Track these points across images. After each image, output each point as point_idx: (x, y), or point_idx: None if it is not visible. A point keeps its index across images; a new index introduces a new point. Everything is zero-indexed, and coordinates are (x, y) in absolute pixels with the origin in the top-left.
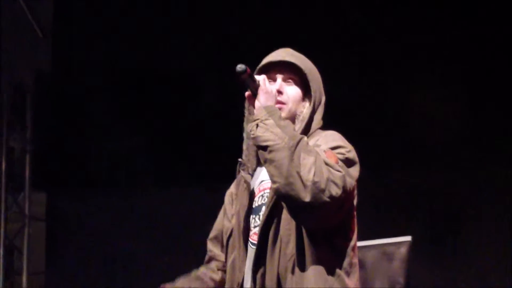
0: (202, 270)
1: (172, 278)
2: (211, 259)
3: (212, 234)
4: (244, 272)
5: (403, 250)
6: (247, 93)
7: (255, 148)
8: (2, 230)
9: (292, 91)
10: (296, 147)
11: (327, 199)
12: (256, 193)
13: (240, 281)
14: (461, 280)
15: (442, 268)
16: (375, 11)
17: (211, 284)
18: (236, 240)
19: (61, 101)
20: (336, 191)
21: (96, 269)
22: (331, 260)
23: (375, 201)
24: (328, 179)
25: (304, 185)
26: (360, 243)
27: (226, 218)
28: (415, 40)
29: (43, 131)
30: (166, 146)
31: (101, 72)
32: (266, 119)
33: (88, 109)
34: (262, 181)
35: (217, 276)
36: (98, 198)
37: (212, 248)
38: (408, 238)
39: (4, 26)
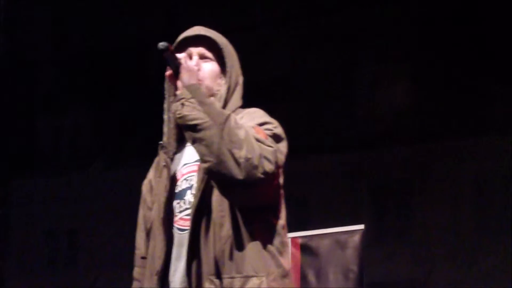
0: None
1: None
2: (142, 258)
3: (139, 231)
4: (164, 260)
5: (356, 238)
6: (167, 73)
7: (175, 131)
8: None
9: (209, 67)
10: (225, 124)
11: (261, 175)
12: (178, 177)
13: (159, 269)
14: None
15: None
16: None
17: None
18: (156, 227)
19: (11, 85)
20: (269, 166)
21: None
22: (266, 239)
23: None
24: (260, 155)
25: (237, 163)
26: (314, 232)
27: (147, 208)
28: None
29: None
30: (114, 128)
31: (50, 55)
32: (191, 98)
33: (42, 95)
34: (185, 164)
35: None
36: (52, 184)
37: (139, 246)
38: (361, 226)
39: None
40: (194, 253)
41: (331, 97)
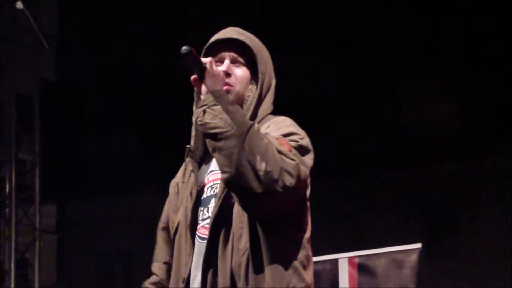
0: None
1: None
2: (157, 253)
3: (160, 225)
4: (190, 268)
5: (413, 257)
6: (193, 77)
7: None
8: (13, 243)
9: (240, 72)
10: (246, 135)
11: (280, 190)
12: (205, 183)
13: (186, 276)
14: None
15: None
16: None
17: None
18: (183, 233)
19: (68, 111)
20: (290, 181)
21: (106, 279)
22: (287, 253)
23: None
24: (281, 169)
25: (256, 175)
26: (370, 251)
27: (172, 210)
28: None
29: (51, 142)
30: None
31: (105, 81)
32: (213, 105)
33: (94, 119)
34: (211, 171)
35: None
36: (108, 206)
37: (159, 239)
38: (418, 245)
39: (9, 38)
40: (210, 263)
41: (381, 114)
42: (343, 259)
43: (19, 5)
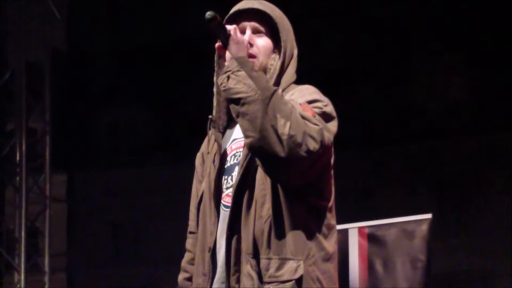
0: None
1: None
2: (190, 233)
3: (192, 200)
4: (216, 236)
5: (424, 227)
6: (217, 44)
7: (225, 104)
8: (24, 212)
9: (263, 42)
10: (270, 99)
11: (304, 154)
12: (228, 152)
13: (212, 245)
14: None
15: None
16: None
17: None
18: (207, 203)
19: (79, 80)
20: (313, 145)
21: (117, 249)
22: (308, 221)
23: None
24: (305, 133)
25: (280, 139)
26: (380, 221)
27: (199, 181)
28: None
29: (62, 111)
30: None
31: (117, 52)
32: (237, 70)
33: (106, 88)
34: (234, 140)
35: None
36: (118, 176)
37: (191, 218)
38: (428, 215)
39: (19, 7)
40: (233, 230)
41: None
42: (353, 229)
43: None
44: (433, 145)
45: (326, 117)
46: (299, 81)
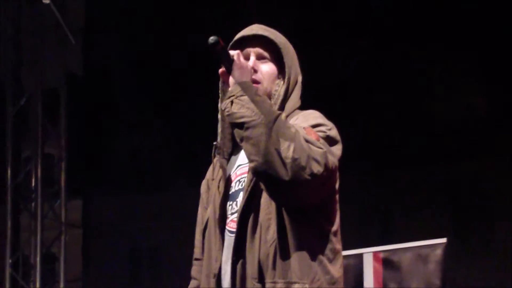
0: None
1: None
2: (195, 260)
3: (197, 227)
4: (221, 262)
5: (438, 252)
6: (221, 70)
7: (230, 130)
8: (39, 238)
9: (267, 68)
10: (274, 123)
11: (308, 177)
12: (232, 178)
13: (216, 272)
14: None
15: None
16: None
17: None
18: (212, 228)
19: (95, 105)
20: (317, 168)
21: (132, 273)
22: (314, 245)
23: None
24: (308, 156)
25: (284, 163)
26: (395, 246)
27: (204, 208)
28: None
29: (78, 137)
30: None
31: (134, 75)
32: (241, 95)
33: (122, 113)
34: (239, 166)
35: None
36: (133, 202)
37: (197, 245)
38: (443, 240)
39: (35, 33)
40: (239, 255)
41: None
42: (368, 253)
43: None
44: (453, 167)
45: (330, 141)
46: (312, 101)
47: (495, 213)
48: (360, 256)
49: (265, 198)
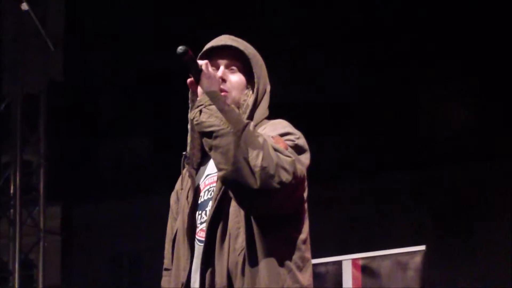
0: None
1: None
2: (165, 270)
3: (166, 238)
4: (189, 271)
5: (418, 259)
6: (189, 80)
7: (199, 141)
8: (18, 244)
9: (236, 78)
10: (242, 132)
11: (277, 185)
12: (201, 188)
13: (184, 280)
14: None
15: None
16: (376, 10)
17: None
18: (181, 238)
19: (74, 112)
20: (286, 176)
21: (113, 280)
22: (282, 253)
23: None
24: (277, 165)
25: (252, 171)
26: (374, 253)
27: (173, 219)
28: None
29: (56, 143)
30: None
31: (114, 81)
32: (209, 104)
33: (102, 119)
34: (208, 175)
35: None
36: (113, 209)
37: (167, 256)
38: (422, 247)
39: (16, 40)
40: (208, 264)
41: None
42: (346, 261)
43: (24, 6)
44: (435, 174)
45: (299, 149)
46: (309, 112)
47: (476, 220)
48: (339, 263)
49: (234, 206)
